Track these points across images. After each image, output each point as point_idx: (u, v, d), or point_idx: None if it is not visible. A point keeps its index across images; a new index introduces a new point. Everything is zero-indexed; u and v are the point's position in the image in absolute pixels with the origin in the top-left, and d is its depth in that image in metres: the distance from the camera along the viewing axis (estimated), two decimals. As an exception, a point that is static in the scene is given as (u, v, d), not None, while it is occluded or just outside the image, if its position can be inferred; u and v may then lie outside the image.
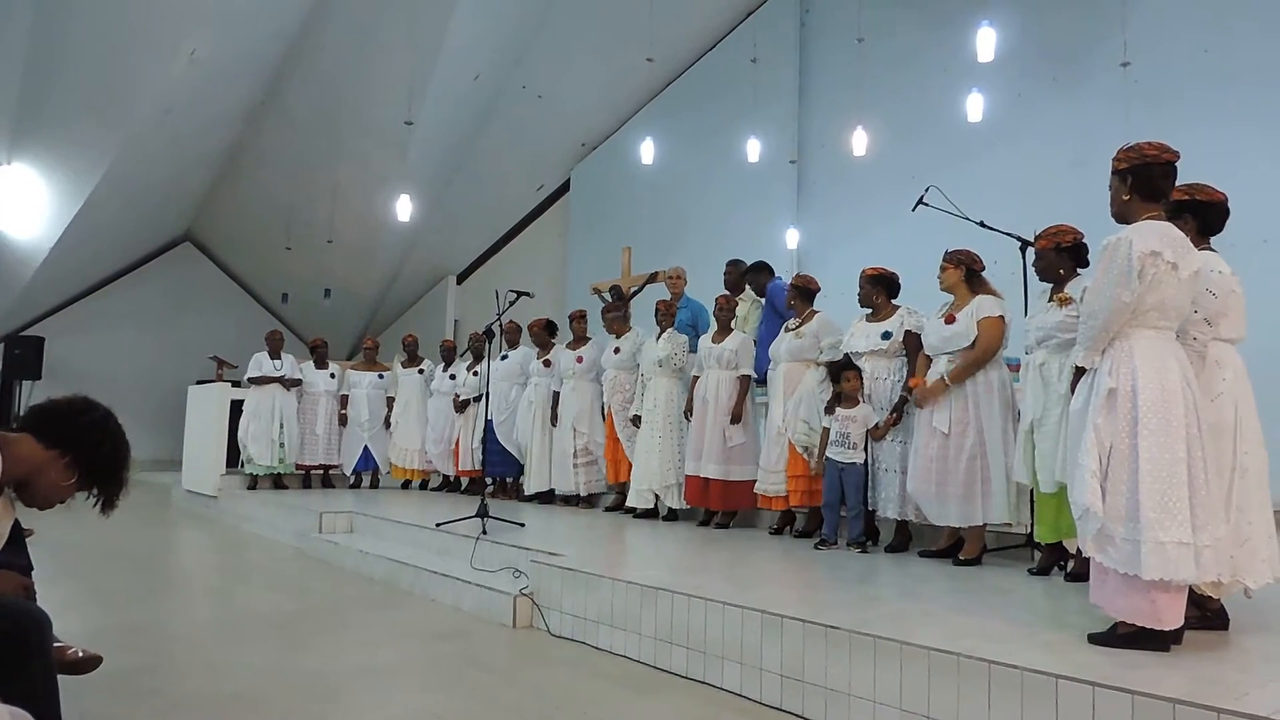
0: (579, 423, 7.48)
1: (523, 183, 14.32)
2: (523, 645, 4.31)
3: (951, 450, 4.65)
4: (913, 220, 5.51)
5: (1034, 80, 9.51)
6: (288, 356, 9.56)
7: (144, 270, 15.44)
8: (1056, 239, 4.23)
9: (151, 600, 5.38)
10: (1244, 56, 8.13)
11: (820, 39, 11.72)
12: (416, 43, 10.07)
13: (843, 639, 3.16)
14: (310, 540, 6.99)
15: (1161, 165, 3.07)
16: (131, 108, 10.03)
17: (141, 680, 3.57)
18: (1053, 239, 4.24)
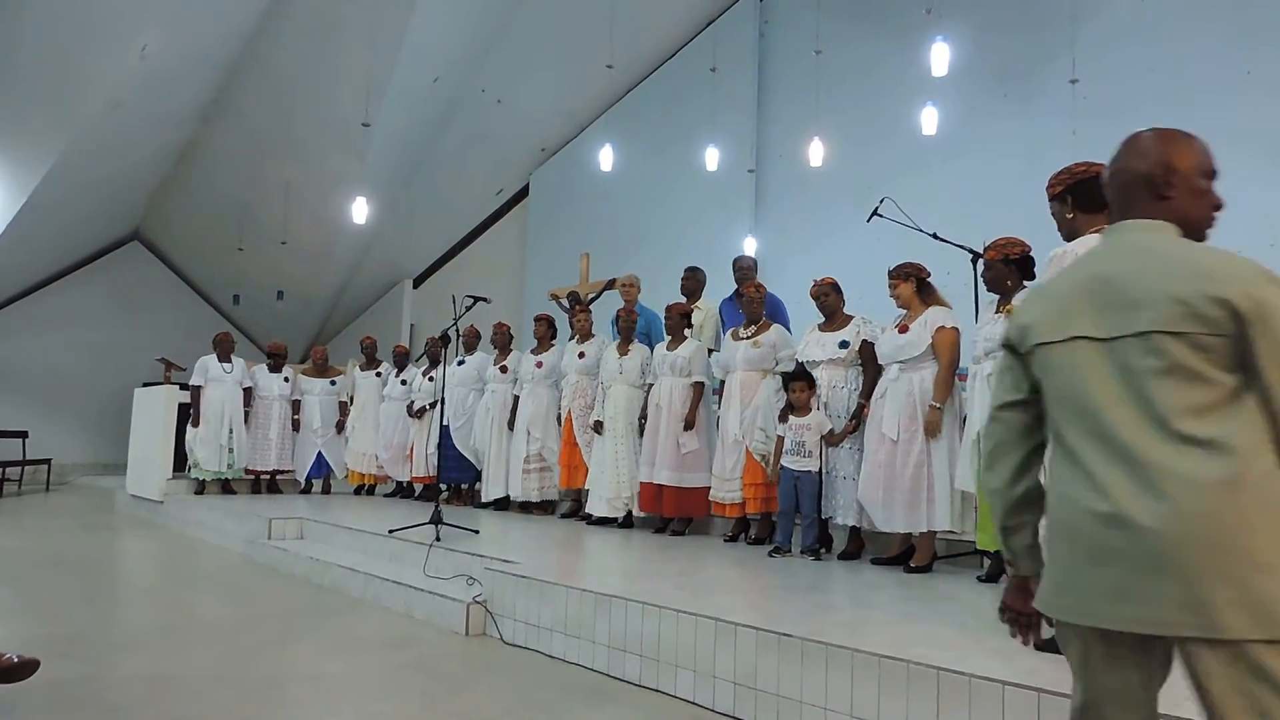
0: (533, 427, 7.45)
1: (481, 187, 14.24)
2: (475, 653, 4.28)
3: (899, 457, 4.72)
4: (868, 231, 5.59)
5: (986, 95, 9.70)
6: (238, 360, 9.39)
7: (90, 269, 15.06)
8: (1005, 251, 4.32)
9: (91, 608, 5.25)
10: (1189, 76, 8.36)
11: (779, 50, 11.83)
12: (375, 44, 9.97)
13: (795, 646, 3.18)
14: (259, 547, 6.86)
15: (1093, 178, 3.16)
16: (79, 102, 9.79)
17: (79, 690, 3.48)
18: (1001, 250, 4.33)
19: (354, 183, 11.14)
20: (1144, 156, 1.74)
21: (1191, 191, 1.71)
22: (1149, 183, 1.71)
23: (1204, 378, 1.51)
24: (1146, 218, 1.70)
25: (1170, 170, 1.71)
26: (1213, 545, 1.44)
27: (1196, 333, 1.51)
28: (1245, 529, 1.44)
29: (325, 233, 12.93)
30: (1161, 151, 1.73)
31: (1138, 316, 1.56)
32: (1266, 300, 1.51)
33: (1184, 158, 1.73)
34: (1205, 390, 1.50)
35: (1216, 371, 1.51)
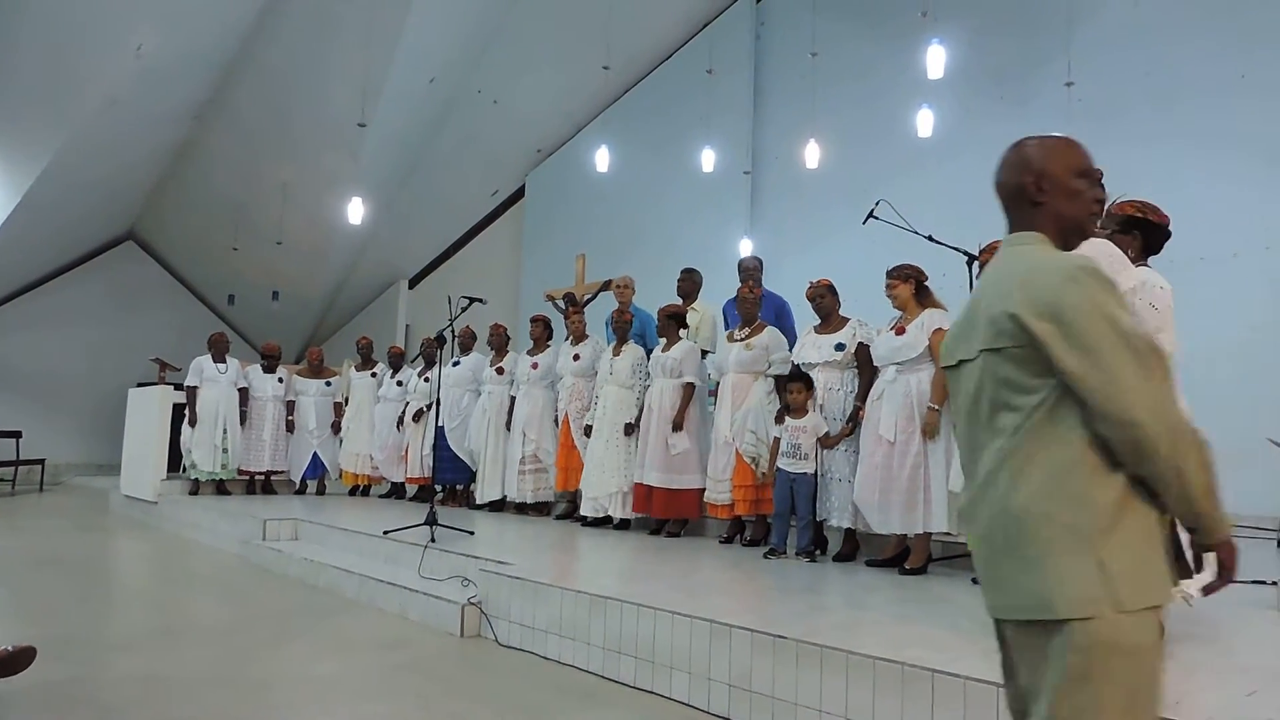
0: (529, 429, 7.44)
1: (477, 187, 14.23)
2: (470, 655, 4.27)
3: (896, 459, 4.73)
4: (863, 233, 5.58)
5: (981, 98, 9.72)
6: (233, 361, 9.38)
7: (85, 268, 15.03)
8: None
9: (85, 609, 5.23)
10: (1183, 79, 8.39)
11: (775, 52, 11.85)
12: (371, 44, 9.96)
13: (790, 648, 3.18)
14: (253, 548, 6.85)
15: None
16: (75, 102, 9.78)
17: (73, 691, 3.47)
18: (994, 253, 4.33)
19: (349, 183, 11.13)
20: (1016, 166, 1.79)
21: (1065, 193, 1.75)
22: (1023, 191, 1.77)
23: (1023, 387, 1.60)
24: (1025, 226, 1.77)
25: (1041, 176, 1.75)
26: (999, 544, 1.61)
27: (1007, 346, 1.61)
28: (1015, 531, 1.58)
29: (320, 233, 12.91)
30: (1031, 158, 1.78)
31: (977, 336, 1.67)
32: (1055, 304, 1.57)
33: (1054, 161, 1.77)
34: (1025, 398, 1.60)
35: (1033, 379, 1.59)
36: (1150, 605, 1.54)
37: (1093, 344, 1.53)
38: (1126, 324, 1.55)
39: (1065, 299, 1.56)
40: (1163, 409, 1.52)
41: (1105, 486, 1.55)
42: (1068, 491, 1.55)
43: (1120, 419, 1.52)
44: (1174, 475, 1.52)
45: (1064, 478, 1.56)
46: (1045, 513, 1.56)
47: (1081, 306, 1.55)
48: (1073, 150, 1.79)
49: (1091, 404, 1.53)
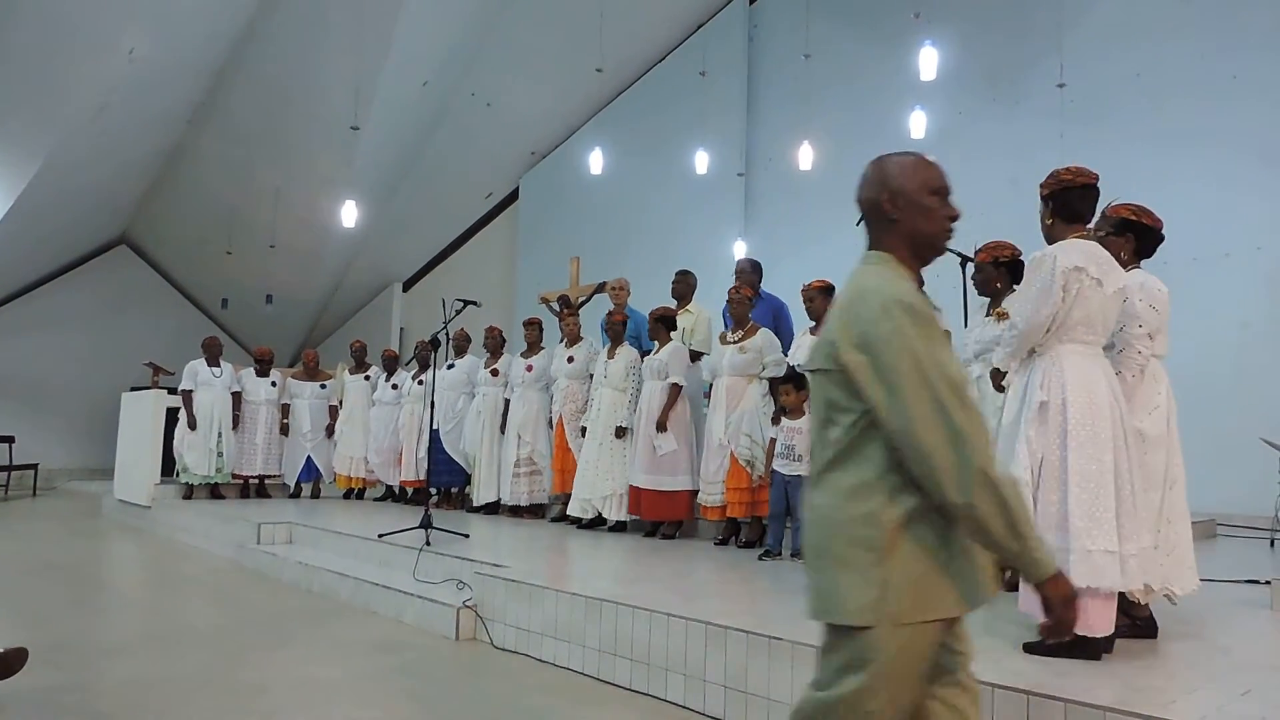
0: (524, 431, 7.44)
1: (471, 190, 14.22)
2: (465, 658, 4.27)
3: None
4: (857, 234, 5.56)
5: (974, 99, 9.74)
6: (226, 365, 9.35)
7: (78, 273, 14.97)
8: (996, 253, 4.35)
9: (78, 614, 5.21)
10: (1175, 80, 8.42)
11: (768, 54, 11.86)
12: (364, 47, 9.95)
13: (786, 650, 3.18)
14: (248, 552, 6.83)
15: (1079, 189, 3.18)
16: (66, 106, 9.74)
17: (66, 697, 3.45)
18: (992, 253, 4.35)
19: (343, 186, 11.12)
20: (872, 184, 1.86)
21: (918, 210, 1.80)
22: (879, 208, 1.82)
23: (842, 407, 1.68)
24: (879, 242, 1.83)
25: (895, 193, 1.81)
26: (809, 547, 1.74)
27: (830, 369, 1.69)
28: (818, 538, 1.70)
29: (314, 236, 12.89)
30: (888, 175, 1.84)
31: (818, 353, 1.75)
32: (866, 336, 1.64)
33: (908, 178, 1.83)
34: (844, 416, 1.67)
35: (849, 401, 1.67)
36: (927, 619, 1.63)
37: (895, 380, 1.59)
38: (931, 361, 1.60)
39: (876, 332, 1.62)
40: (954, 448, 1.56)
41: (895, 506, 1.62)
42: (863, 508, 1.64)
43: (914, 454, 1.59)
44: (966, 513, 1.58)
45: (862, 494, 1.64)
46: (842, 524, 1.66)
47: (890, 341, 1.61)
48: (927, 168, 1.85)
49: (890, 434, 1.61)
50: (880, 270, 1.77)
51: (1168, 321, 3.37)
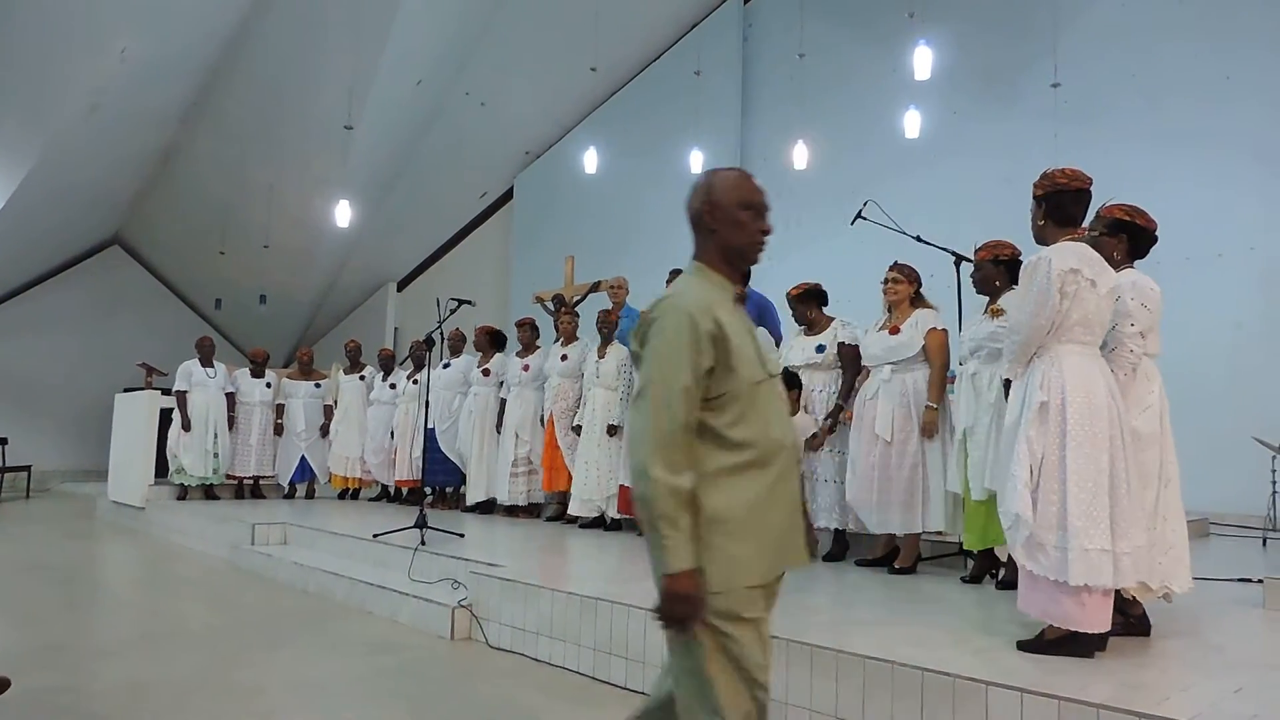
0: (521, 431, 7.44)
1: (465, 189, 14.21)
2: (460, 658, 4.26)
3: (894, 458, 4.72)
4: (851, 233, 5.61)
5: (968, 99, 9.76)
6: (220, 365, 9.34)
7: (70, 273, 14.94)
8: (996, 251, 4.36)
9: (72, 616, 5.20)
10: (1168, 80, 8.45)
11: (762, 54, 11.87)
12: (358, 46, 9.94)
13: (779, 648, 3.18)
14: (242, 552, 6.82)
15: (1072, 192, 3.19)
16: (58, 105, 9.71)
17: (60, 699, 3.45)
18: (992, 251, 4.36)
19: (337, 186, 11.10)
20: (694, 197, 2.03)
21: (731, 223, 1.98)
22: (699, 220, 2.01)
23: None
24: (699, 251, 2.04)
25: (712, 206, 1.99)
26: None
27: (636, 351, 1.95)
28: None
29: (308, 236, 12.87)
30: (709, 188, 2.01)
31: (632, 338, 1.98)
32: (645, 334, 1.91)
33: (724, 194, 1.99)
34: None
35: None
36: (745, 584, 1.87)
37: (645, 375, 1.87)
38: (670, 368, 1.84)
39: (653, 332, 1.89)
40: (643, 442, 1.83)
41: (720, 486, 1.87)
42: None
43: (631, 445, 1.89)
44: (639, 496, 1.84)
45: None
46: None
47: (656, 343, 1.87)
48: (744, 184, 2.01)
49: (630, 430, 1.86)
50: (690, 280, 2.00)
51: (1160, 320, 3.38)
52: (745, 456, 1.89)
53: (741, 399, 1.90)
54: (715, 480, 1.87)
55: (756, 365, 1.95)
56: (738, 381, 1.89)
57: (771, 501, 1.92)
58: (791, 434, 2.01)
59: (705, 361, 1.86)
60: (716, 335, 1.87)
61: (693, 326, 1.85)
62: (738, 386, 1.89)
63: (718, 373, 1.88)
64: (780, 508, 1.94)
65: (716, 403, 1.89)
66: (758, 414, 1.92)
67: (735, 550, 1.86)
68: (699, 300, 1.90)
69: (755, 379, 1.92)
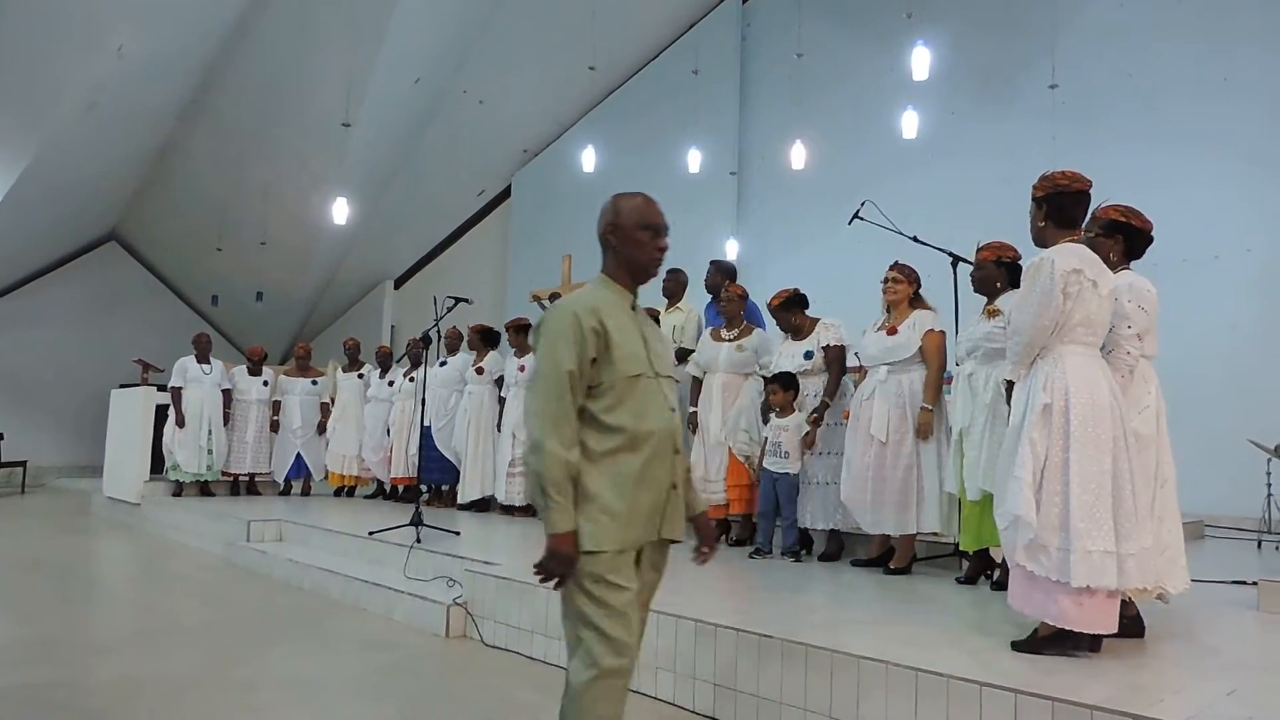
0: (518, 431, 7.42)
1: (463, 188, 14.19)
2: (455, 655, 4.26)
3: (889, 459, 4.72)
4: (849, 233, 5.61)
5: (966, 99, 9.77)
6: (216, 362, 9.32)
7: (67, 270, 14.91)
8: (1000, 253, 4.36)
9: (67, 611, 5.19)
10: (1166, 81, 8.45)
11: (761, 53, 11.87)
12: (356, 44, 9.92)
13: (775, 648, 3.19)
14: (238, 549, 6.81)
15: (1073, 194, 3.19)
16: (55, 103, 9.68)
17: (55, 694, 3.44)
18: (996, 252, 4.36)
19: (334, 183, 11.09)
20: (602, 217, 2.34)
21: (632, 242, 2.29)
22: (605, 237, 2.32)
23: None
24: (606, 265, 2.35)
25: (615, 226, 2.30)
26: None
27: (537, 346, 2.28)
28: None
29: (305, 233, 12.85)
30: (611, 212, 2.32)
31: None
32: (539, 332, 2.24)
33: (626, 216, 2.30)
34: None
35: None
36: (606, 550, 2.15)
37: (537, 368, 2.21)
38: (556, 358, 2.16)
39: (543, 329, 2.22)
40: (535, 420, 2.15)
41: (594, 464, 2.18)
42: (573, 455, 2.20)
43: (526, 423, 2.21)
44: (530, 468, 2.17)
45: None
46: None
47: (542, 339, 2.21)
48: (645, 208, 2.32)
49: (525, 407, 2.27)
50: (590, 288, 2.34)
51: (1156, 322, 3.38)
52: (618, 440, 2.19)
53: (618, 389, 2.20)
54: (592, 458, 2.18)
55: (641, 363, 2.25)
56: (615, 374, 2.20)
57: (641, 481, 2.21)
58: (669, 425, 2.28)
59: (589, 352, 2.17)
60: (598, 331, 2.18)
61: (577, 323, 2.17)
62: (615, 378, 2.20)
63: (599, 364, 2.19)
64: (650, 487, 2.23)
65: (596, 390, 2.20)
66: (634, 404, 2.21)
67: (603, 520, 2.15)
68: (586, 303, 2.22)
69: (633, 373, 2.22)
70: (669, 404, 2.30)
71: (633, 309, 2.33)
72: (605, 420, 2.19)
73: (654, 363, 2.30)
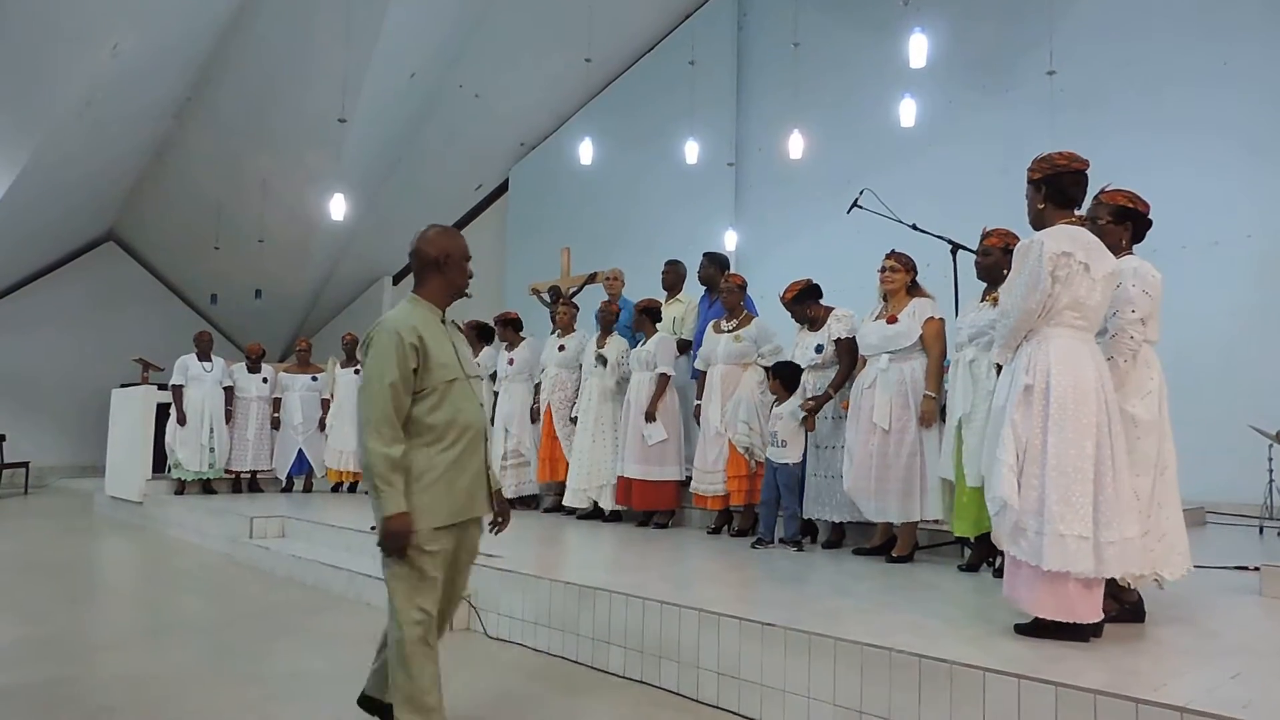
0: (510, 424, 7.44)
1: (460, 182, 14.17)
2: (458, 648, 4.26)
3: (891, 447, 4.71)
4: (847, 223, 5.61)
5: (964, 87, 9.75)
6: (218, 359, 9.32)
7: (65, 270, 14.89)
8: (1007, 239, 4.34)
9: (71, 609, 5.20)
10: (1164, 68, 8.43)
11: (757, 43, 11.85)
12: (351, 39, 9.89)
13: (778, 636, 3.19)
14: (240, 546, 6.82)
15: (1072, 174, 3.19)
16: (50, 103, 9.66)
17: (58, 691, 3.45)
18: (1004, 238, 4.35)
19: (331, 179, 11.06)
20: (432, 245, 2.78)
21: (459, 270, 2.81)
22: (436, 263, 2.77)
23: None
24: (419, 286, 2.81)
25: (449, 256, 2.78)
26: None
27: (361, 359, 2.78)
28: None
29: (303, 230, 12.84)
30: (442, 244, 2.78)
31: None
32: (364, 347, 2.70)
33: (455, 247, 2.80)
34: None
35: None
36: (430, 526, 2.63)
37: (364, 375, 2.65)
38: (380, 369, 2.59)
39: (369, 345, 2.65)
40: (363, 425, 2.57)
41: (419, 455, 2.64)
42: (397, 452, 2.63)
43: (358, 423, 2.61)
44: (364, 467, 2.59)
45: None
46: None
47: (370, 356, 2.64)
48: (464, 242, 2.85)
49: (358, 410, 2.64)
50: (405, 306, 2.76)
51: (1160, 307, 3.37)
52: (439, 433, 2.65)
53: (438, 391, 2.66)
54: (417, 450, 2.63)
55: (454, 368, 2.72)
56: (434, 379, 2.65)
57: (457, 467, 2.68)
58: (479, 418, 2.77)
59: (411, 363, 2.60)
60: (417, 346, 2.62)
61: (400, 341, 2.59)
62: (434, 383, 2.65)
63: (420, 372, 2.63)
64: (464, 473, 2.70)
65: (420, 395, 2.64)
66: (450, 403, 2.67)
67: (426, 501, 2.62)
68: (404, 321, 2.65)
69: (449, 378, 2.68)
70: (478, 400, 2.79)
71: (443, 323, 2.79)
72: (428, 420, 2.64)
73: (465, 366, 2.77)
